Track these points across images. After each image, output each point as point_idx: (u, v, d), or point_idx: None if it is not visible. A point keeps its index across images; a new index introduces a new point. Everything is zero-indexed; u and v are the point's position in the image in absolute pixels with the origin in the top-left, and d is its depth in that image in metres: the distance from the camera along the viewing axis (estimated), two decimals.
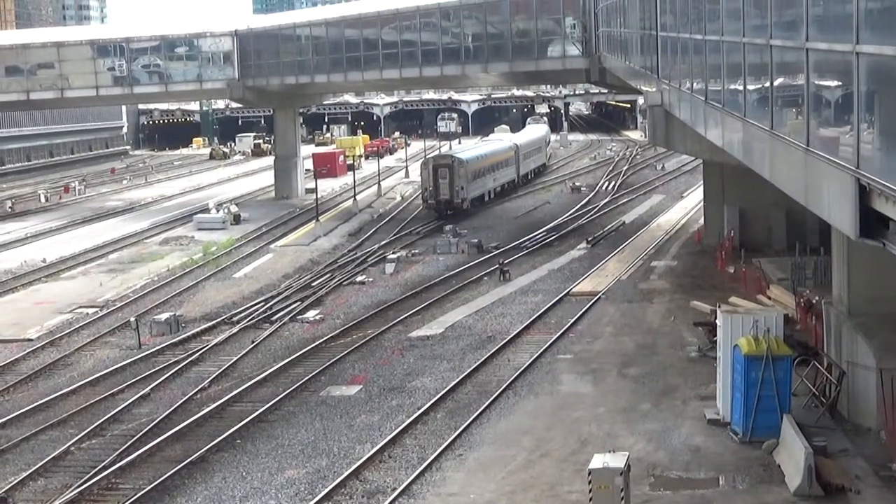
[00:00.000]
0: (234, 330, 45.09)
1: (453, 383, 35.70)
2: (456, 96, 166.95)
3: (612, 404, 32.92)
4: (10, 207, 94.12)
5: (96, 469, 29.59)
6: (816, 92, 18.50)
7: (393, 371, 38.24)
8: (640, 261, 55.63)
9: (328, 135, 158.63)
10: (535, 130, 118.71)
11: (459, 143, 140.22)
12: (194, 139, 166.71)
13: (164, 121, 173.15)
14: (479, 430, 31.20)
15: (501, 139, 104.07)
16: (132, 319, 45.28)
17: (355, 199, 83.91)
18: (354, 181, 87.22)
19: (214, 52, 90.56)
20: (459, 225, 70.32)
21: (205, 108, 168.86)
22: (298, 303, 49.50)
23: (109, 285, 56.14)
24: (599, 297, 47.61)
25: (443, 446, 29.75)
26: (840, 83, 17.37)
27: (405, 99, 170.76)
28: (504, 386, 34.99)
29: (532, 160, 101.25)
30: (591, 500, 22.53)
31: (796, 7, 18.79)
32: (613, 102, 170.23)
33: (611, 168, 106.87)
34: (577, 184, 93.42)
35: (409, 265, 58.92)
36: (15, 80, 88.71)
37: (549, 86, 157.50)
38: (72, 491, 28.15)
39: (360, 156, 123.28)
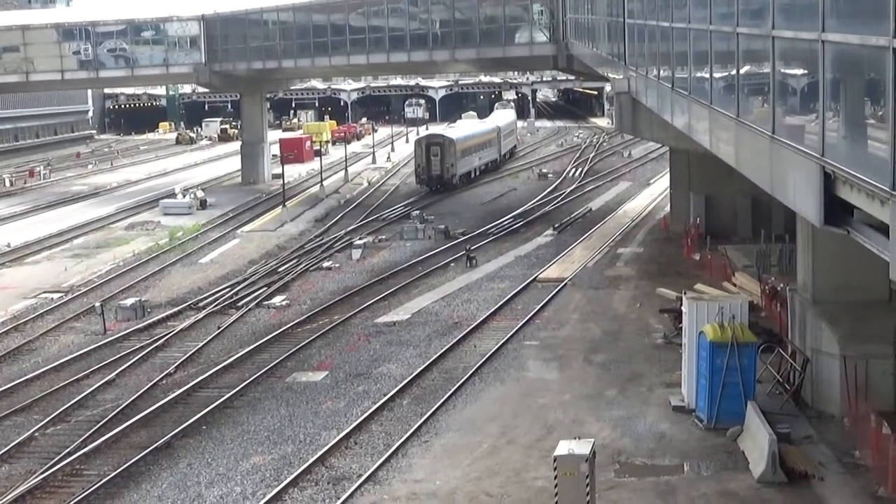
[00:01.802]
0: (200, 315, 44.94)
1: (419, 370, 35.70)
2: (423, 82, 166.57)
3: (578, 391, 33.00)
4: None
5: (61, 455, 29.46)
6: (782, 80, 18.57)
7: (359, 357, 38.21)
8: (606, 247, 55.76)
9: (295, 120, 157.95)
10: (507, 115, 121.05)
11: (427, 129, 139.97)
12: (160, 124, 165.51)
13: (129, 105, 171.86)
14: (445, 417, 31.22)
15: (484, 121, 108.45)
16: (97, 305, 45.04)
17: (322, 184, 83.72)
18: (321, 167, 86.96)
19: (181, 36, 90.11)
20: (427, 210, 70.32)
21: (171, 93, 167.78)
22: (265, 288, 49.37)
23: (74, 270, 55.84)
24: (566, 284, 47.69)
25: (409, 433, 29.76)
26: (806, 71, 17.43)
27: (372, 85, 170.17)
28: (470, 372, 35.01)
29: (508, 141, 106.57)
30: (556, 486, 22.57)
31: None
32: (581, 89, 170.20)
33: (578, 155, 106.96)
34: (545, 170, 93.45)
35: (376, 251, 58.86)
36: None
37: (516, 72, 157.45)
38: (36, 477, 28.03)
39: (328, 141, 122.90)
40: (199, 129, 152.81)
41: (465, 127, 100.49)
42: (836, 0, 14.92)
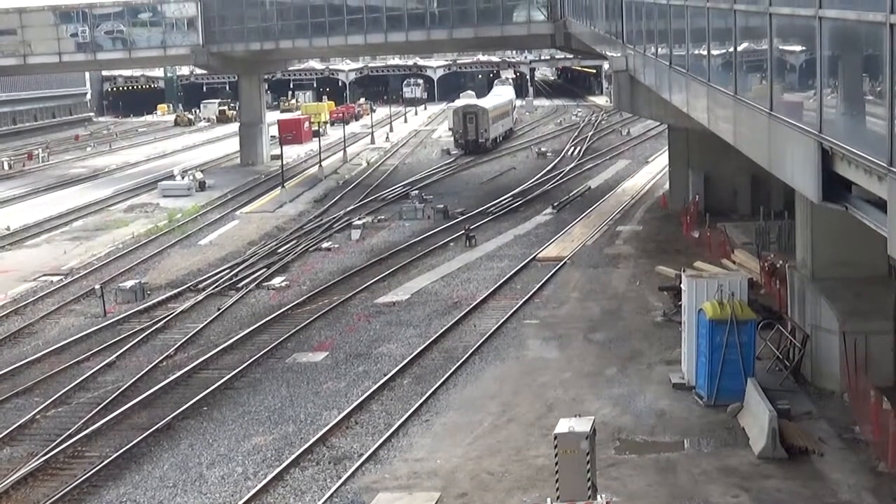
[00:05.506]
0: (200, 297, 44.94)
1: (419, 349, 35.73)
2: (421, 62, 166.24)
3: (578, 369, 33.05)
4: None
5: (62, 437, 29.52)
6: (780, 57, 18.56)
7: (359, 337, 38.25)
8: (605, 226, 55.74)
9: (293, 101, 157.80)
10: (509, 92, 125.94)
11: (425, 108, 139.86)
12: (159, 106, 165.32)
13: (128, 87, 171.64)
14: (446, 396, 31.28)
15: (500, 95, 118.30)
16: (97, 287, 45.06)
17: (321, 165, 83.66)
18: (320, 147, 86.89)
19: (178, 17, 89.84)
20: (426, 190, 70.27)
21: (169, 75, 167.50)
22: (264, 269, 49.38)
23: (74, 253, 55.85)
24: (565, 263, 47.70)
25: (409, 412, 29.81)
26: (803, 48, 17.43)
27: (370, 65, 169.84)
28: (470, 351, 35.05)
29: (515, 114, 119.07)
30: (556, 464, 22.62)
31: None
32: (579, 68, 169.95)
33: (576, 133, 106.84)
34: (543, 149, 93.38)
35: (375, 231, 58.85)
36: None
37: (514, 51, 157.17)
38: (38, 459, 28.08)
39: (326, 122, 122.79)
40: (198, 111, 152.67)
41: (490, 99, 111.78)
42: None
